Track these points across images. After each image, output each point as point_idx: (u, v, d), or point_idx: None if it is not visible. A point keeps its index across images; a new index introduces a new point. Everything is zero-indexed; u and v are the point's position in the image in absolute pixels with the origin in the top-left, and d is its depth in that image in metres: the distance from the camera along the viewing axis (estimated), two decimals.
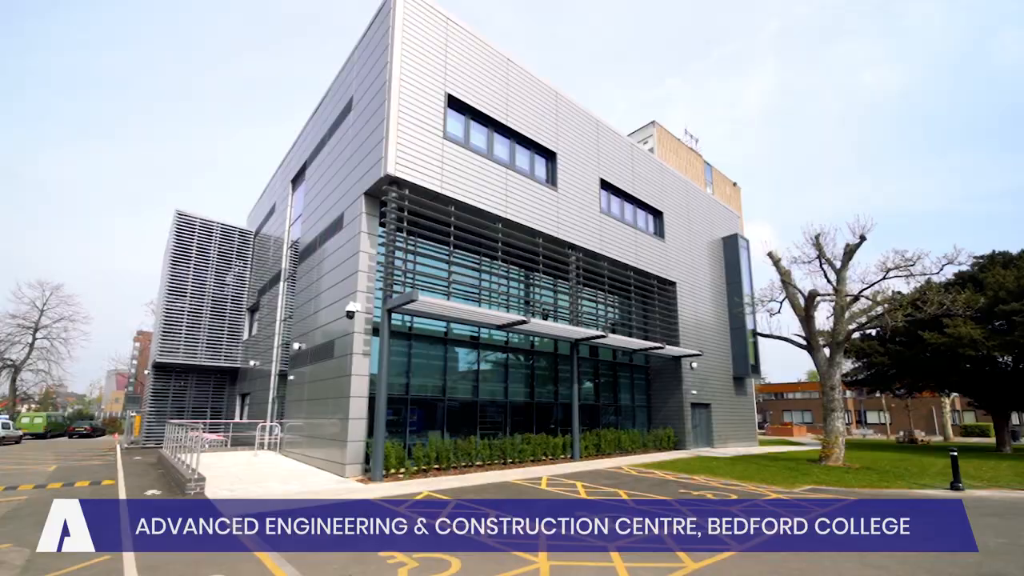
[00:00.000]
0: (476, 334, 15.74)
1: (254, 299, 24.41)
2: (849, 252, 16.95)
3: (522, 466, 14.27)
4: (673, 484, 11.60)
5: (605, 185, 19.72)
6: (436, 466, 12.83)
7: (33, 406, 69.64)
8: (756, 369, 24.51)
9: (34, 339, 40.97)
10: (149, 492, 10.29)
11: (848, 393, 55.01)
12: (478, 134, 15.64)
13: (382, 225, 13.58)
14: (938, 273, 15.23)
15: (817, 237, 17.39)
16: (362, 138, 14.41)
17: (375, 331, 12.93)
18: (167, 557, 5.90)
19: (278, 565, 5.67)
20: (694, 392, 21.05)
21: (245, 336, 24.90)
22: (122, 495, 9.96)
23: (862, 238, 16.52)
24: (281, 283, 20.32)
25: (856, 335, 30.51)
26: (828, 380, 16.23)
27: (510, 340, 16.69)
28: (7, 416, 35.74)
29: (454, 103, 14.83)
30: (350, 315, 12.80)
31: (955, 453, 11.64)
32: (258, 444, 16.90)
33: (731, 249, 25.79)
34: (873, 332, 30.12)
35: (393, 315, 13.42)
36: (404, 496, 9.69)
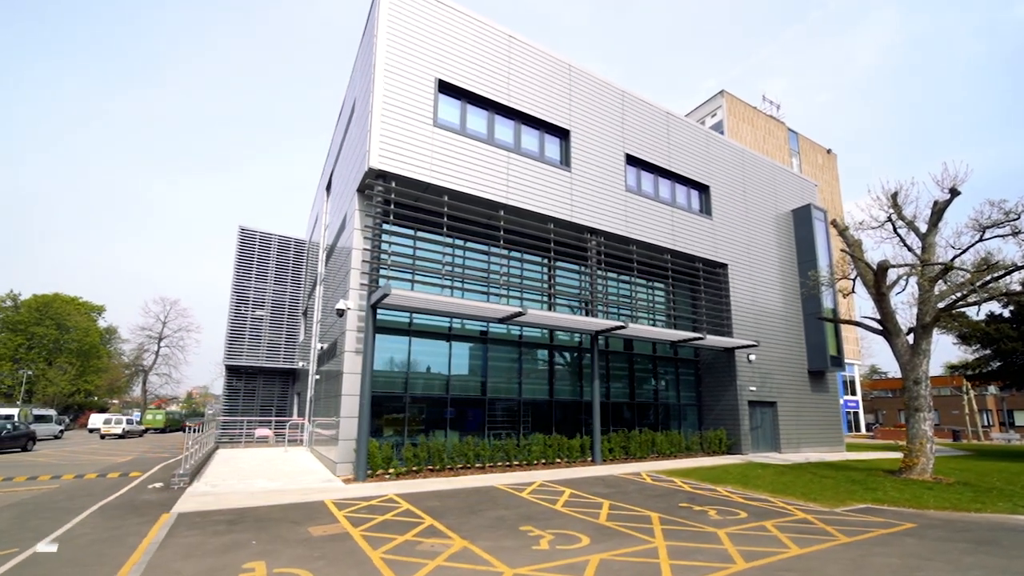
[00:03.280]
0: (484, 328, 14.95)
1: (306, 303, 25.87)
2: (938, 211, 13.61)
3: (530, 469, 13.23)
4: (681, 496, 9.90)
5: (633, 161, 17.93)
6: (429, 467, 12.27)
7: (179, 405, 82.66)
8: (838, 362, 20.83)
9: (159, 347, 47.73)
10: (151, 486, 10.92)
11: (990, 389, 45.66)
12: (476, 118, 14.88)
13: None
14: None
15: (894, 196, 14.20)
16: (358, 137, 14.38)
17: None
18: (51, 556, 5.92)
19: None
20: (752, 388, 18.34)
21: (301, 339, 26.48)
22: (123, 490, 10.63)
23: (953, 192, 13.16)
24: (318, 287, 21.20)
25: (980, 316, 25.01)
26: (911, 372, 13.07)
27: (524, 334, 15.68)
28: (137, 413, 41.91)
29: (446, 88, 14.23)
30: (340, 313, 12.72)
31: None
32: (288, 441, 17.67)
33: (803, 223, 22.29)
34: (1007, 312, 24.44)
35: (391, 311, 13.14)
36: (363, 498, 9.23)
